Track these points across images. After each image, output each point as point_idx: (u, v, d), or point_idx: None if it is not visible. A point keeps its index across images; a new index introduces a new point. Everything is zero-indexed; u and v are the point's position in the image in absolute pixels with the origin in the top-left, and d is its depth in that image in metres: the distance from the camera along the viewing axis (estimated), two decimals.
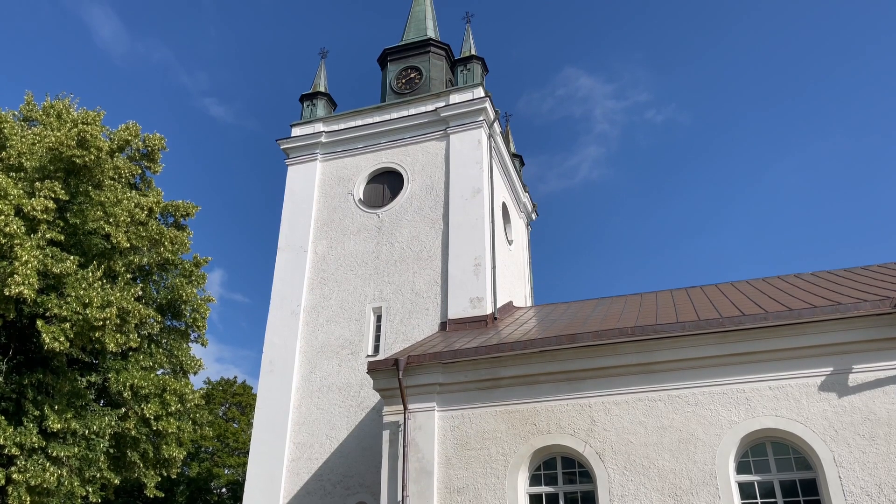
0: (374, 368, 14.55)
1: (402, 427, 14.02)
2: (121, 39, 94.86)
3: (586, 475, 13.00)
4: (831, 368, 12.21)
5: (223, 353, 79.29)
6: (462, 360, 14.08)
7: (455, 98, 22.62)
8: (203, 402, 21.07)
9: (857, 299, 12.75)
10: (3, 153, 18.07)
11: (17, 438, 15.75)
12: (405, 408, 14.11)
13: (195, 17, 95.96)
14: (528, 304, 25.33)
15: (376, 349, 19.74)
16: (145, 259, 19.06)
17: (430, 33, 27.49)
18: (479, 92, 22.47)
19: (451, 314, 19.16)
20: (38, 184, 16.90)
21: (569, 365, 13.55)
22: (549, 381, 13.66)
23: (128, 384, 17.52)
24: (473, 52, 23.97)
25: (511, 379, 13.89)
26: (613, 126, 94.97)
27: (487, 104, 22.06)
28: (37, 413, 16.55)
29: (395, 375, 14.15)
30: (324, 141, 23.77)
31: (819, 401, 12.09)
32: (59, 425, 16.20)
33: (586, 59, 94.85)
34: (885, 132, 72.82)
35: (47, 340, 15.43)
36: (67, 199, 17.46)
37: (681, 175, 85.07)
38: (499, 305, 19.87)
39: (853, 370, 12.09)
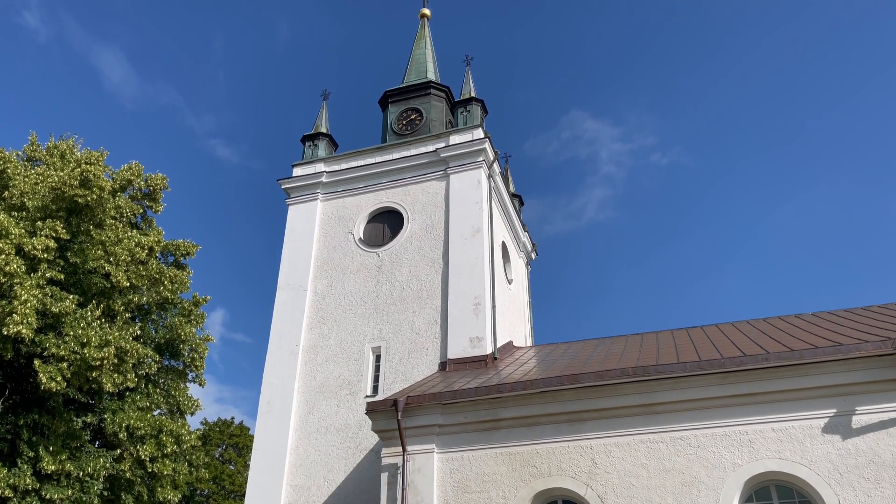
0: (372, 409, 14.42)
1: (401, 469, 13.83)
2: (130, 82, 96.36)
3: None
4: (834, 410, 12.10)
5: (223, 394, 78.59)
6: (462, 401, 13.96)
7: (455, 139, 22.85)
8: (199, 443, 20.82)
9: (858, 340, 12.71)
10: (6, 193, 18.19)
11: (11, 480, 15.53)
12: (404, 449, 13.93)
13: (204, 60, 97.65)
14: (529, 343, 25.20)
15: (375, 389, 19.56)
16: (144, 298, 19.03)
17: (431, 76, 27.91)
18: (479, 133, 22.71)
19: (451, 354, 19.05)
20: (39, 223, 16.97)
21: (570, 406, 13.43)
22: (550, 423, 13.53)
23: (124, 425, 17.34)
24: (473, 95, 24.30)
25: (511, 420, 13.75)
26: (620, 168, 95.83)
27: (487, 145, 22.28)
28: (31, 454, 16.34)
29: (393, 416, 14.01)
30: (325, 181, 23.94)
31: (823, 443, 11.96)
32: (53, 467, 15.99)
33: (592, 103, 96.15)
34: (886, 174, 73.45)
35: (44, 380, 15.32)
36: (68, 238, 17.52)
37: (684, 217, 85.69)
38: (499, 345, 19.77)
39: (856, 412, 11.99)
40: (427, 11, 30.81)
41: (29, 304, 15.35)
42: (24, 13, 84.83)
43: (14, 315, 15.08)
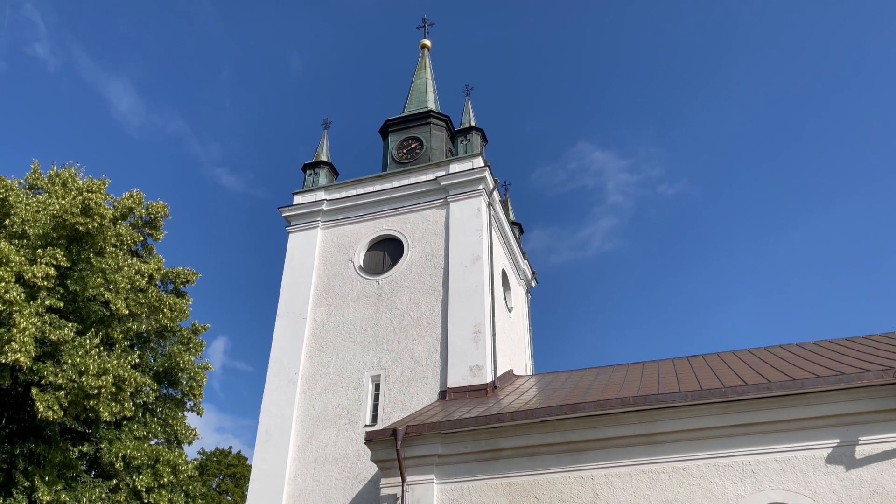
0: (371, 439, 14.30)
1: (400, 500, 13.67)
2: (137, 111, 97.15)
3: None
4: (837, 440, 12.00)
5: (223, 423, 77.90)
6: (462, 431, 13.84)
7: (455, 167, 22.97)
8: (196, 473, 20.59)
9: (860, 369, 12.64)
10: (7, 220, 18.24)
11: None
12: (403, 480, 13.78)
13: (211, 89, 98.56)
14: (529, 372, 25.06)
15: (374, 419, 19.40)
16: (143, 326, 18.98)
17: (431, 105, 28.15)
18: (479, 161, 22.84)
19: (451, 383, 18.93)
20: (39, 251, 16.99)
21: (570, 435, 13.31)
22: (551, 453, 13.40)
23: (120, 455, 17.17)
24: (473, 124, 24.48)
25: (511, 450, 13.63)
26: (626, 198, 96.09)
27: (486, 173, 22.39)
28: (27, 484, 16.17)
29: (393, 446, 13.89)
30: (325, 209, 24.01)
31: (826, 474, 11.83)
32: (48, 497, 15.81)
33: (600, 134, 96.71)
34: (890, 200, 73.68)
35: (41, 409, 15.21)
36: (69, 265, 17.51)
37: (688, 247, 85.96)
38: (499, 374, 19.65)
39: (860, 442, 11.88)
40: (428, 42, 31.20)
41: (28, 332, 15.30)
42: (34, 44, 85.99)
43: (12, 343, 15.03)
